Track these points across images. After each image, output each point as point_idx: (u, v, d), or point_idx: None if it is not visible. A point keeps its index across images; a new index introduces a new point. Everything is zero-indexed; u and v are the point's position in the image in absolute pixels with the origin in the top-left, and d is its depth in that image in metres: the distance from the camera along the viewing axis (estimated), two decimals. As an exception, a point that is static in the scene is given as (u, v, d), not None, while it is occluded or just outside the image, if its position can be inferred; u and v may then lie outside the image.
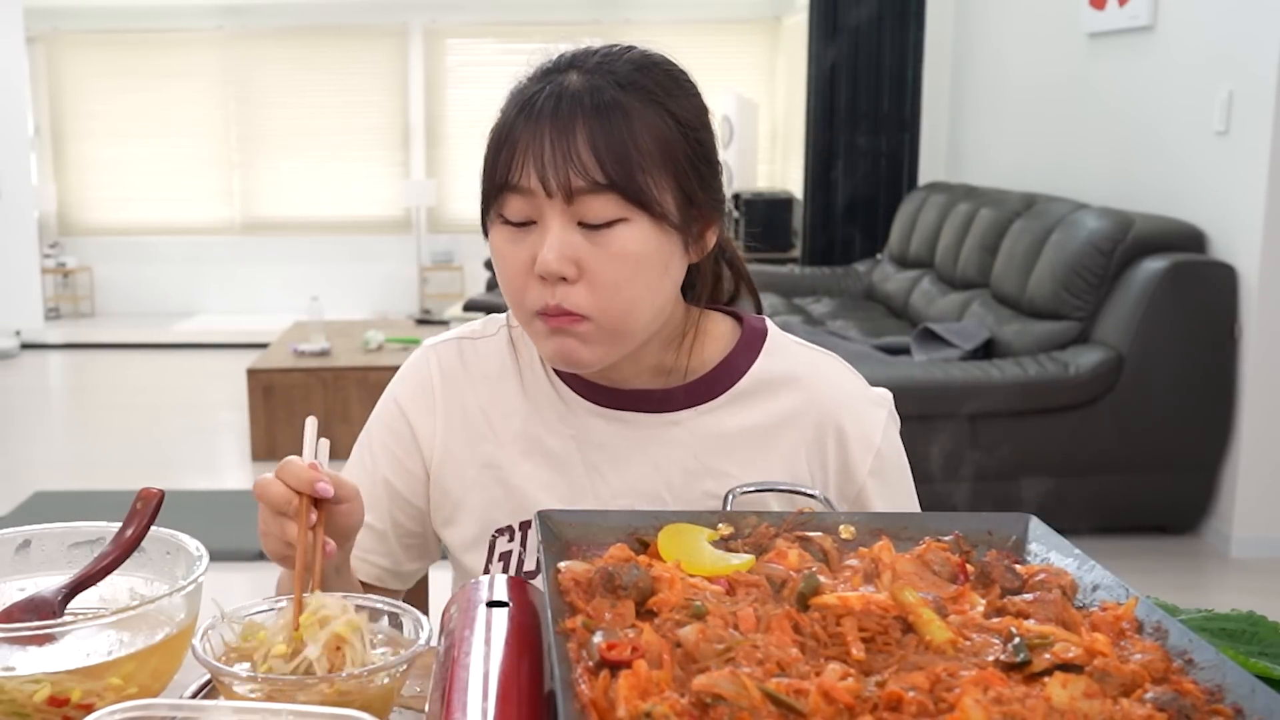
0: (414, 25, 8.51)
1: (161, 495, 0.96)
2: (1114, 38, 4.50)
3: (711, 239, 1.10)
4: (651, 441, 1.14)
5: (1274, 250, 3.57)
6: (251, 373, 4.98)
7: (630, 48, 1.07)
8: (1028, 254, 4.28)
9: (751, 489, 1.04)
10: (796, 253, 6.81)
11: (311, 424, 1.05)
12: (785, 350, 1.18)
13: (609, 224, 1.01)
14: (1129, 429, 3.70)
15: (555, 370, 1.16)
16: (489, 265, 7.44)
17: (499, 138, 1.04)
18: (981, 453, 3.60)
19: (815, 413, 1.15)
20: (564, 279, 1.02)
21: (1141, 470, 3.77)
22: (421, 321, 6.80)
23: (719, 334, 1.17)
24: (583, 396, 1.15)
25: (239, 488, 4.64)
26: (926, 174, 6.35)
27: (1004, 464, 3.48)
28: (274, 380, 4.96)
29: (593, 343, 1.05)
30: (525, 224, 1.03)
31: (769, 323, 1.20)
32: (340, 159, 8.68)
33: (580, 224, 1.01)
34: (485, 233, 1.08)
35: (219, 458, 5.17)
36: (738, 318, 1.20)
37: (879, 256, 6.14)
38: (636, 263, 1.03)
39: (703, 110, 1.08)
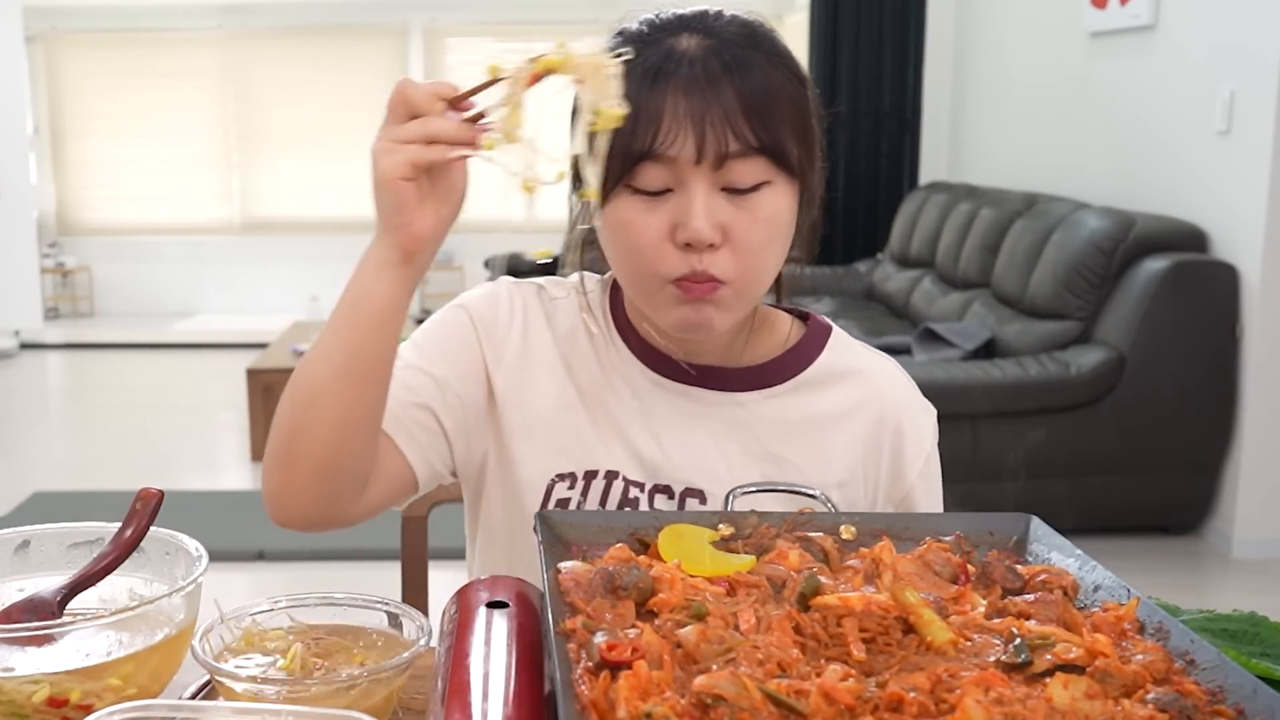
0: (414, 24, 8.51)
1: (161, 495, 0.96)
2: (1115, 37, 4.50)
3: (816, 189, 1.09)
4: (714, 419, 1.13)
5: (1276, 250, 3.57)
6: (251, 373, 4.98)
7: (719, 10, 1.06)
8: (1029, 254, 4.28)
9: (752, 489, 1.04)
10: (797, 252, 6.80)
11: None
12: (849, 347, 1.19)
13: (754, 188, 1.01)
14: (1130, 429, 3.70)
15: (624, 339, 1.15)
16: (489, 265, 7.45)
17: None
18: (982, 453, 3.60)
19: (876, 409, 1.16)
20: (710, 246, 1.00)
21: (1143, 470, 3.77)
22: (421, 321, 6.79)
23: (781, 326, 1.18)
24: (649, 367, 1.15)
25: (238, 488, 4.64)
26: (927, 173, 6.35)
27: (1005, 464, 3.48)
28: (274, 380, 4.96)
29: (727, 308, 1.04)
30: (659, 193, 1.01)
31: (831, 322, 1.21)
32: (340, 159, 8.67)
33: (724, 189, 1.00)
34: (590, 201, 1.03)
35: (218, 458, 5.16)
36: (799, 315, 1.21)
37: (880, 256, 6.14)
38: (777, 226, 1.03)
39: (803, 71, 1.08)
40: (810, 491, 1.04)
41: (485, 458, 1.17)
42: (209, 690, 0.92)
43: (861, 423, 1.15)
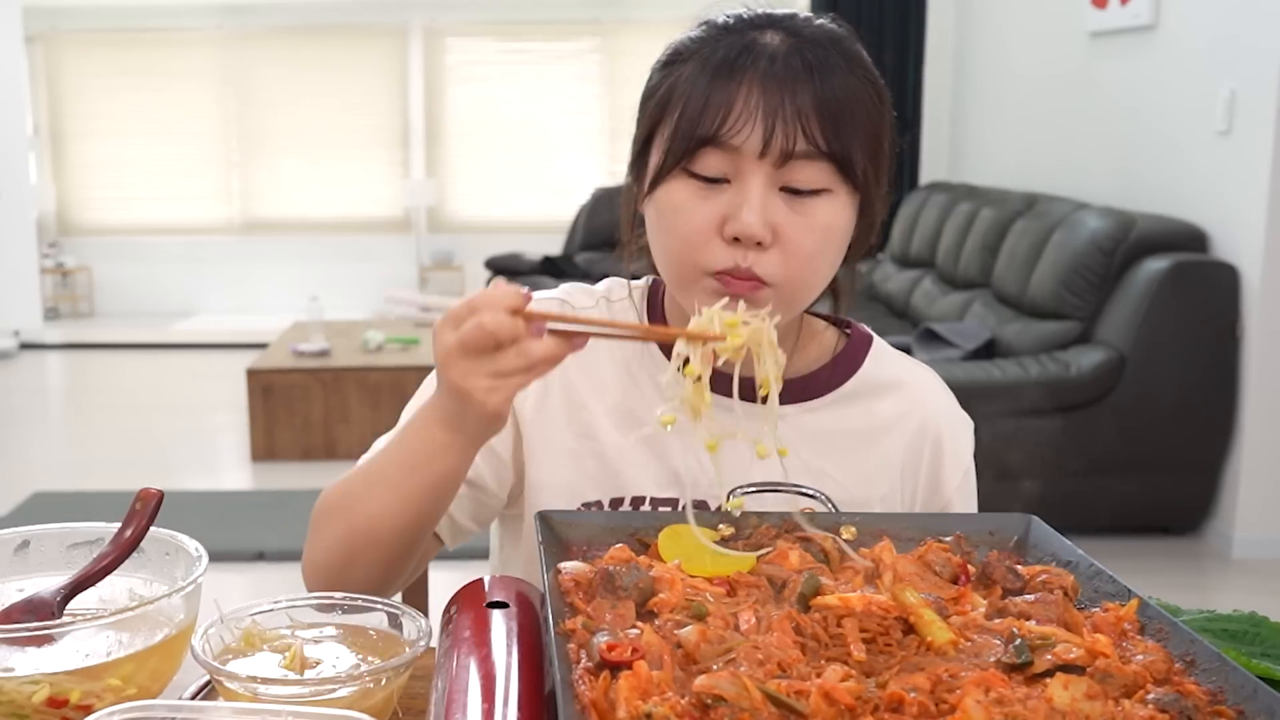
0: (413, 24, 8.51)
1: (160, 496, 0.96)
2: (1116, 37, 4.50)
3: (878, 206, 1.06)
4: (750, 429, 1.11)
5: (1276, 250, 3.57)
6: (251, 373, 4.98)
7: (810, 15, 1.04)
8: (1029, 254, 4.28)
9: (752, 489, 1.04)
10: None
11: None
12: (890, 358, 1.18)
13: (813, 193, 0.99)
14: (1131, 429, 3.70)
15: (662, 348, 1.11)
16: (489, 265, 7.44)
17: (700, 89, 0.99)
18: (982, 453, 3.60)
19: (917, 421, 1.14)
20: (759, 244, 0.98)
21: (1143, 470, 3.76)
22: (421, 322, 6.79)
23: (822, 337, 1.16)
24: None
25: (238, 488, 4.64)
26: (928, 173, 6.34)
27: (1005, 464, 3.48)
28: (273, 380, 4.96)
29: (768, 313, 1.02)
30: (717, 180, 0.99)
31: (873, 332, 1.19)
32: (340, 159, 8.68)
33: (783, 188, 0.99)
34: (642, 183, 1.03)
35: (218, 458, 5.16)
36: (840, 325, 1.19)
37: (880, 256, 6.13)
38: (831, 236, 1.01)
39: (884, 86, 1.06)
40: (810, 491, 1.03)
41: (513, 487, 1.15)
42: (209, 690, 0.92)
43: (901, 435, 1.14)
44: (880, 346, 1.18)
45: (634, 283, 1.19)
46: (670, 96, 1.01)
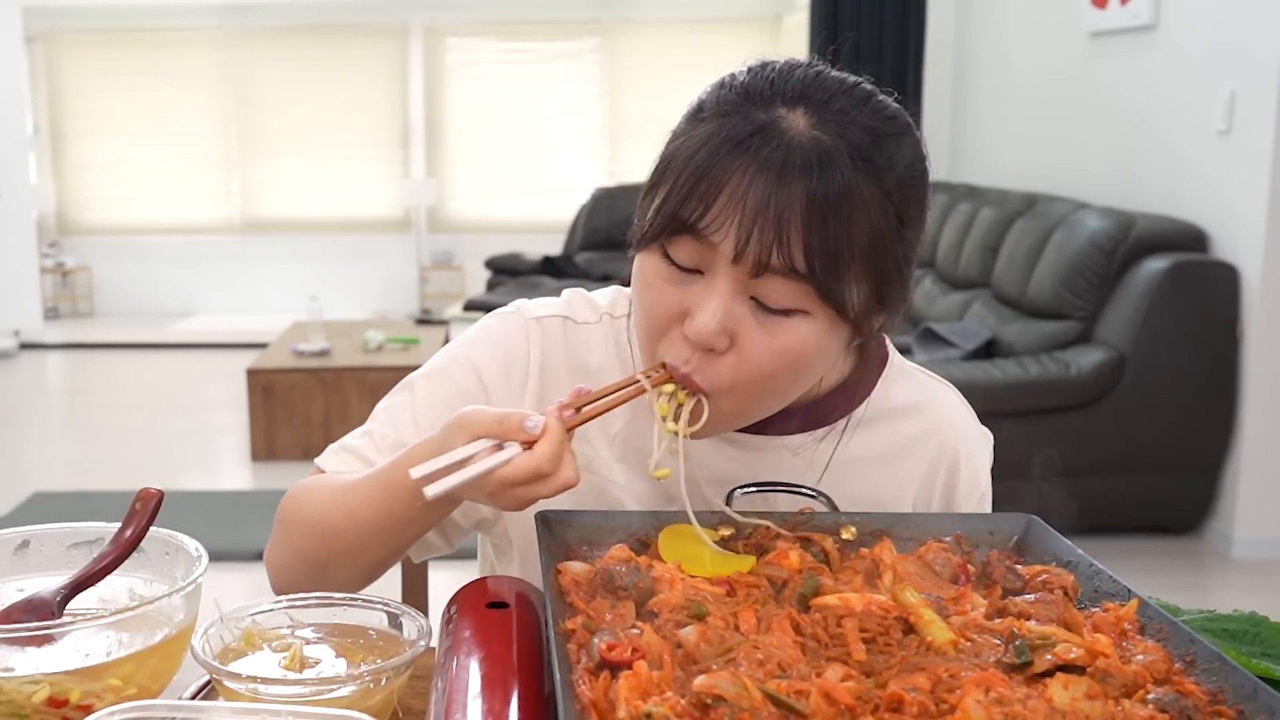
0: (414, 24, 8.51)
1: (161, 495, 0.96)
2: (1116, 37, 4.50)
3: (880, 325, 0.97)
4: (762, 465, 1.05)
5: (1276, 250, 3.57)
6: (251, 373, 4.98)
7: (867, 92, 0.93)
8: (1029, 254, 4.28)
9: (753, 489, 1.03)
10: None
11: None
12: (906, 377, 1.11)
13: (786, 312, 0.89)
14: (1131, 429, 3.70)
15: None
16: (489, 265, 7.44)
17: (695, 167, 0.89)
18: (982, 452, 3.59)
19: (933, 444, 1.09)
20: (710, 350, 0.91)
21: (1143, 470, 3.76)
22: (421, 321, 6.80)
23: (837, 360, 1.09)
24: None
25: (238, 488, 4.64)
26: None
27: (1005, 464, 3.48)
28: (273, 380, 4.96)
29: (710, 416, 0.93)
30: (689, 270, 0.91)
31: (890, 346, 1.12)
32: (340, 159, 8.68)
33: (753, 298, 0.89)
34: (630, 245, 0.96)
35: (218, 458, 5.16)
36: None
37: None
38: (797, 359, 0.91)
39: (926, 198, 0.95)
40: (810, 491, 1.03)
41: (485, 518, 1.12)
42: (209, 690, 0.92)
43: (918, 460, 1.09)
44: (896, 366, 1.11)
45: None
46: (674, 161, 0.91)
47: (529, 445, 0.85)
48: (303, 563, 1.04)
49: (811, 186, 0.85)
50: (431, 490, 0.84)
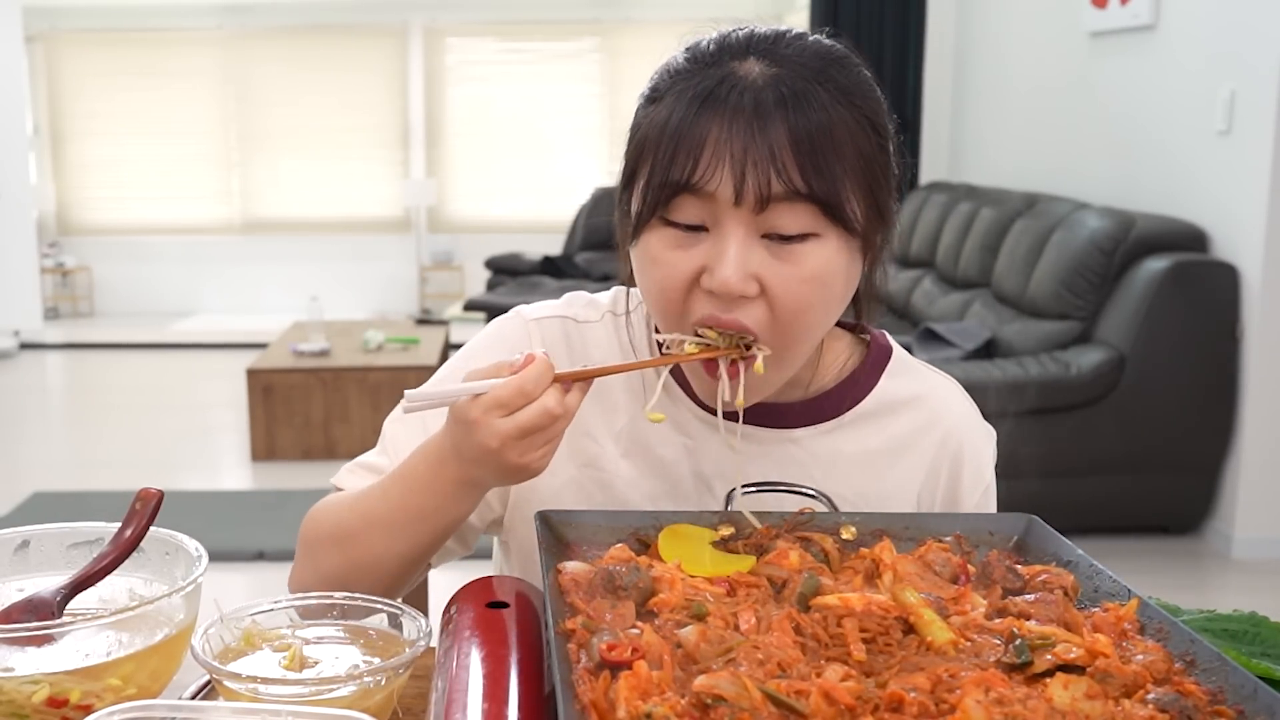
0: (413, 24, 8.51)
1: (161, 495, 0.96)
2: (1116, 37, 4.50)
3: (882, 251, 1.00)
4: (766, 458, 1.06)
5: (1276, 250, 3.57)
6: (251, 373, 4.98)
7: (803, 34, 0.97)
8: (1029, 254, 4.28)
9: (753, 489, 1.03)
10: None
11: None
12: (909, 371, 1.12)
13: (800, 238, 0.91)
14: (1131, 429, 3.70)
15: (671, 372, 1.06)
16: (489, 265, 7.44)
17: (670, 132, 0.91)
18: (982, 453, 3.59)
19: (935, 438, 1.09)
20: (741, 297, 0.91)
21: (1143, 470, 3.77)
22: (421, 321, 6.80)
23: (839, 349, 1.10)
24: (696, 402, 1.06)
25: (238, 488, 4.64)
26: (928, 173, 6.34)
27: (1005, 464, 3.47)
28: (273, 380, 4.96)
29: (755, 373, 0.94)
30: (694, 228, 0.92)
31: (893, 340, 1.14)
32: (340, 159, 8.68)
33: (765, 236, 0.91)
34: (624, 232, 0.97)
35: (218, 458, 5.16)
36: (857, 331, 1.13)
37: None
38: (824, 284, 0.93)
39: (886, 113, 0.97)
40: (810, 491, 1.03)
41: (497, 517, 1.13)
42: (209, 690, 0.92)
43: (921, 453, 1.09)
44: (900, 360, 1.12)
45: (635, 290, 1.15)
46: (647, 139, 0.94)
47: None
48: (324, 582, 1.02)
49: (790, 116, 0.89)
50: (408, 402, 0.89)
